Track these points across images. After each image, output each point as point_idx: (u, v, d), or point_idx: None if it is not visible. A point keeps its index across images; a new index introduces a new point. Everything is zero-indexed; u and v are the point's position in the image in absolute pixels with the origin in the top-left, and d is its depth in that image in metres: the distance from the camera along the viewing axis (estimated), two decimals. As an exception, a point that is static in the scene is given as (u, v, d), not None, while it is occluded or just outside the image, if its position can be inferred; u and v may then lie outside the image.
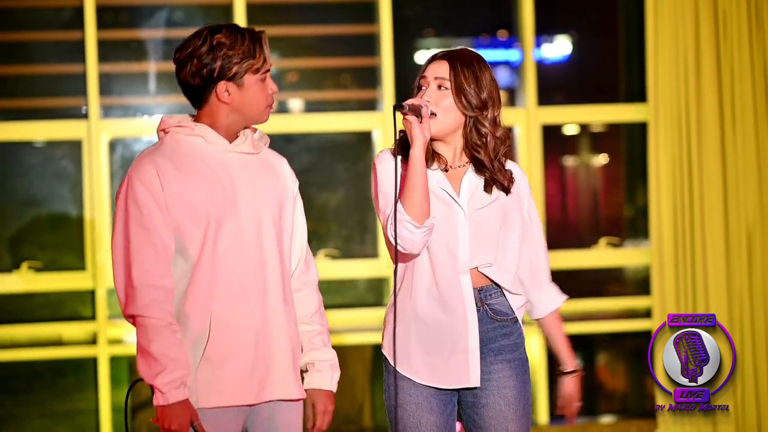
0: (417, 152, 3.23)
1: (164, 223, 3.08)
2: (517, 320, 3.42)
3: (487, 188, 3.36)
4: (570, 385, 3.61)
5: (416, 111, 3.23)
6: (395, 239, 3.23)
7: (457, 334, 3.32)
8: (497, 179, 3.37)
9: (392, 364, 3.35)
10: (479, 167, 3.36)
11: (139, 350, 3.06)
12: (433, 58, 3.38)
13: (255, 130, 3.27)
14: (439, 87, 3.33)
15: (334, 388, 3.34)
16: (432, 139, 3.32)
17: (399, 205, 3.24)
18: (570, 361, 3.59)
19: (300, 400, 3.25)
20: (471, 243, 3.33)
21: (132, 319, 3.08)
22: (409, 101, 3.27)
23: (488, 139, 3.33)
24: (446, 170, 3.36)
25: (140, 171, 3.10)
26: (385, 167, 3.35)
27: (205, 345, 3.10)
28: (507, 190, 3.38)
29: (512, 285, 3.41)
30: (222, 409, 3.12)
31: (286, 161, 3.34)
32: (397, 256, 3.29)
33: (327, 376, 3.32)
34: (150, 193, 3.08)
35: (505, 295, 3.40)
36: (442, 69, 3.33)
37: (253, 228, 3.15)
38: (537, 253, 3.50)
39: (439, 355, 3.33)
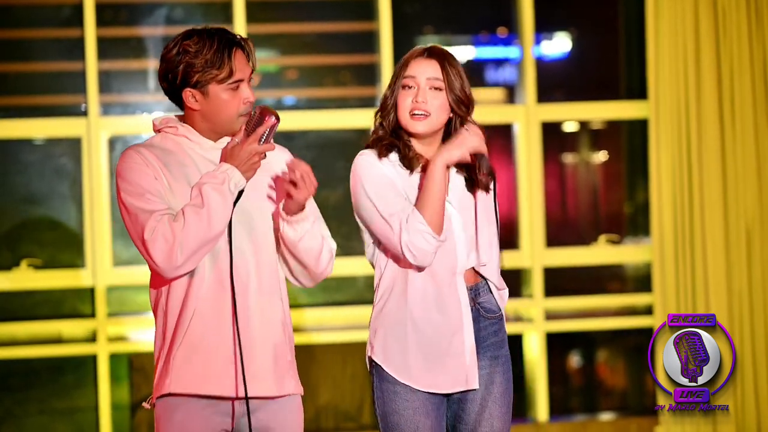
0: (440, 163, 3.25)
1: (157, 184, 3.06)
2: (502, 317, 3.43)
3: (469, 186, 3.37)
4: None
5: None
6: (410, 250, 3.23)
7: (452, 335, 3.32)
8: (478, 177, 3.36)
9: (387, 371, 3.33)
10: (461, 166, 3.37)
11: (186, 238, 2.98)
12: (417, 57, 3.36)
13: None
14: (432, 88, 3.32)
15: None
16: (415, 137, 3.33)
17: (418, 215, 3.23)
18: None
19: (289, 396, 3.20)
20: (466, 243, 3.34)
21: (155, 253, 2.99)
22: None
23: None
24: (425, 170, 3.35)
25: (125, 157, 3.10)
26: (378, 171, 3.35)
27: (186, 329, 3.08)
28: (487, 188, 3.39)
29: (499, 281, 3.42)
30: (195, 397, 3.09)
31: (282, 151, 3.28)
32: (390, 264, 3.32)
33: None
34: (137, 167, 3.07)
35: (492, 292, 3.40)
36: (433, 69, 3.33)
37: (241, 223, 3.11)
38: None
39: (437, 360, 3.32)
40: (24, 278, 5.95)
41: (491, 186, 3.40)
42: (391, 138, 3.35)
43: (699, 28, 6.02)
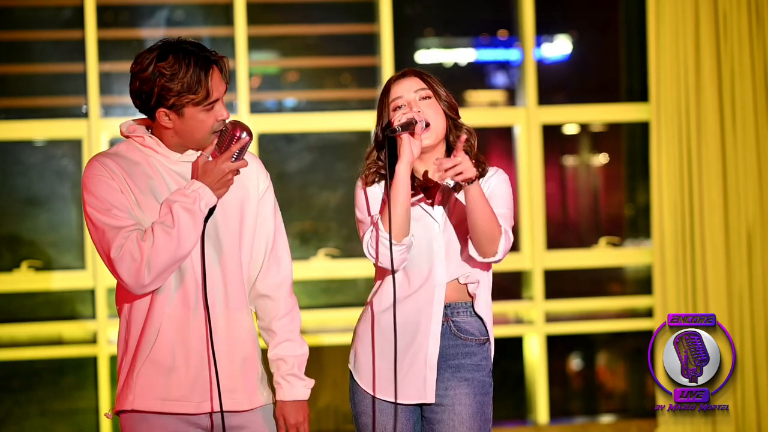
0: (402, 168, 3.25)
1: (123, 198, 3.03)
2: (485, 343, 3.42)
3: (457, 193, 3.37)
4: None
5: (408, 127, 3.24)
6: (372, 257, 3.30)
7: (417, 347, 3.35)
8: (459, 179, 3.37)
9: (354, 376, 3.45)
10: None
11: (155, 257, 2.96)
12: (395, 80, 3.38)
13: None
14: (422, 98, 3.35)
15: (304, 395, 3.29)
16: (424, 152, 3.34)
17: (379, 221, 3.27)
18: None
19: (255, 408, 3.20)
20: (447, 255, 3.35)
21: (121, 271, 2.98)
22: (399, 120, 3.26)
23: (470, 136, 3.39)
24: (423, 186, 3.39)
25: (90, 169, 3.06)
26: (360, 186, 3.44)
27: (151, 347, 3.06)
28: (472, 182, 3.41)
29: (484, 301, 3.41)
30: (157, 414, 3.09)
31: (256, 164, 3.24)
32: (378, 275, 3.38)
33: (294, 384, 3.27)
34: (102, 180, 3.03)
35: (477, 315, 3.40)
36: (416, 83, 3.36)
37: (209, 238, 3.09)
38: None
39: (400, 369, 3.35)
40: (24, 280, 5.95)
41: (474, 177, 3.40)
42: (372, 167, 3.38)
43: (700, 31, 6.02)
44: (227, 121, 3.06)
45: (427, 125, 3.31)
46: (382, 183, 3.37)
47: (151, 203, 3.05)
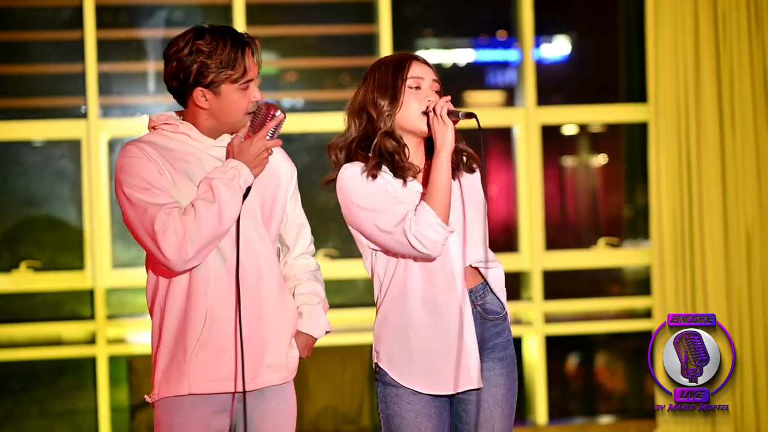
0: (445, 156, 3.24)
1: (161, 178, 3.08)
2: (506, 317, 3.44)
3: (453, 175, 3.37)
4: None
5: (468, 117, 3.28)
6: (420, 243, 3.22)
7: (453, 338, 3.32)
8: (460, 160, 3.39)
9: (391, 375, 3.36)
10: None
11: (197, 232, 3.01)
12: (413, 60, 3.39)
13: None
14: (436, 91, 3.37)
15: (319, 334, 3.33)
16: (412, 135, 3.35)
17: (427, 207, 3.23)
18: None
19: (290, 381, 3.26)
20: (458, 240, 3.35)
21: (165, 246, 3.02)
22: (462, 110, 3.30)
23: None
24: (415, 176, 3.37)
25: (126, 152, 3.11)
26: (367, 184, 3.33)
27: (200, 331, 3.09)
28: (470, 170, 3.42)
29: (497, 279, 3.42)
30: (201, 396, 3.12)
31: (282, 154, 3.31)
32: (389, 272, 3.34)
33: (316, 320, 3.31)
34: (139, 162, 3.08)
35: (493, 292, 3.41)
36: (432, 73, 3.40)
37: (247, 218, 3.13)
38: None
39: (439, 362, 3.33)
40: (24, 280, 5.95)
41: (473, 167, 3.42)
42: (377, 156, 3.33)
43: (699, 31, 6.02)
44: (260, 103, 3.13)
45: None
46: (387, 172, 3.33)
47: (188, 186, 3.09)
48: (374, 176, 3.30)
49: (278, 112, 3.10)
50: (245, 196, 3.09)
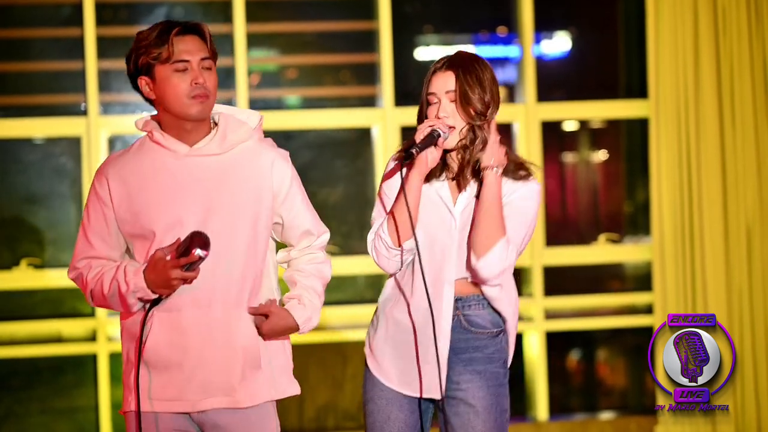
0: (414, 177, 3.25)
1: (103, 223, 3.16)
2: (498, 335, 3.39)
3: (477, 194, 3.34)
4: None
5: (429, 143, 3.22)
6: (374, 254, 3.35)
7: (428, 343, 3.34)
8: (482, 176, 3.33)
9: (368, 363, 3.43)
10: (475, 173, 3.34)
11: (94, 296, 3.17)
12: (436, 71, 3.32)
13: (257, 129, 3.25)
14: (451, 101, 3.29)
15: (303, 327, 3.25)
16: (448, 151, 3.31)
17: (385, 222, 3.30)
18: None
19: (251, 407, 3.19)
20: (459, 253, 3.33)
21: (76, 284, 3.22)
22: (418, 138, 3.23)
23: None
24: (454, 179, 3.35)
25: (95, 176, 3.20)
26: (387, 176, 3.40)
27: (143, 349, 3.10)
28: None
29: (498, 298, 3.38)
30: (155, 414, 3.15)
31: (271, 153, 3.23)
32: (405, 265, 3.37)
33: (300, 309, 3.25)
34: (93, 201, 3.17)
35: (491, 307, 3.38)
36: (450, 82, 3.28)
37: (214, 237, 3.06)
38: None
39: (410, 362, 3.36)
40: (24, 277, 5.95)
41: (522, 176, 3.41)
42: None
43: (699, 27, 6.02)
44: (192, 231, 3.03)
45: (452, 128, 3.27)
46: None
47: (149, 210, 3.10)
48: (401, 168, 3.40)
49: (198, 251, 2.97)
50: (157, 301, 3.09)
